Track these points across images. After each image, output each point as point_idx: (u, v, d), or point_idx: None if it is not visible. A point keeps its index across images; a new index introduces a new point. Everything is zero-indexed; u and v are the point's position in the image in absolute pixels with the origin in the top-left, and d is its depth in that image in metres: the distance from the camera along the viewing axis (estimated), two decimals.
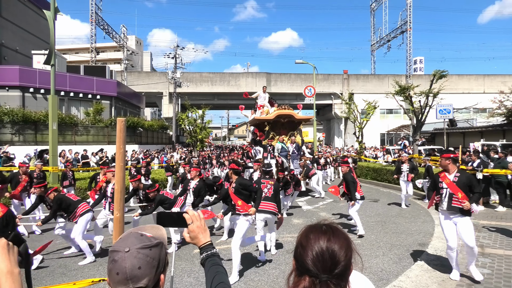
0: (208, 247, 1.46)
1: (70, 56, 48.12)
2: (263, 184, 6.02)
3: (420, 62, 49.20)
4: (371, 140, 32.67)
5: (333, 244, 1.11)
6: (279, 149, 13.00)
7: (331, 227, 1.18)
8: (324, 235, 1.14)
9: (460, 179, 4.85)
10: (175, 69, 35.44)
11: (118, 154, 2.11)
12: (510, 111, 21.01)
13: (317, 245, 1.11)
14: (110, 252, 1.11)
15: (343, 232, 1.18)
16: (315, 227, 1.19)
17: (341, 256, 1.10)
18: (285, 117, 13.92)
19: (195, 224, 1.45)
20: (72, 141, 22.34)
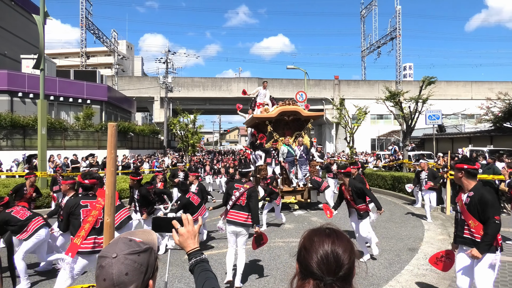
0: (197, 253, 1.46)
1: (59, 60, 47.65)
2: (236, 189, 5.11)
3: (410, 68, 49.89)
4: (362, 145, 32.91)
5: (337, 247, 1.12)
6: (284, 153, 11.22)
7: (334, 231, 1.19)
8: (328, 238, 1.14)
9: (472, 199, 3.51)
10: (167, 74, 35.36)
11: (109, 159, 2.10)
12: (497, 117, 21.43)
13: (322, 248, 1.12)
14: (98, 257, 1.10)
15: (346, 235, 1.19)
16: (318, 230, 1.20)
17: (345, 259, 1.11)
18: (289, 115, 11.81)
19: (186, 228, 1.45)
20: (61, 146, 22.08)
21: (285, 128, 12.12)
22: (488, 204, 3.43)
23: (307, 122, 12.23)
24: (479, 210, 3.46)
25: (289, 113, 11.78)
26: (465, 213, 3.61)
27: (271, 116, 11.69)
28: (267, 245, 7.25)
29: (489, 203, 3.42)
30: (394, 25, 39.02)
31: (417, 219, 9.59)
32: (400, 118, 18.76)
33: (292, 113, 11.81)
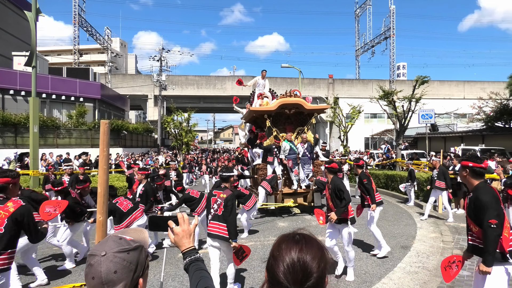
0: (192, 252, 1.46)
1: (52, 58, 47.16)
2: (214, 197, 4.48)
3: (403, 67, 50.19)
4: (356, 144, 33.07)
5: (305, 255, 1.05)
6: (286, 150, 10.07)
7: (304, 236, 1.12)
8: (296, 245, 1.08)
9: (470, 200, 3.21)
10: (161, 71, 35.20)
11: (101, 157, 2.09)
12: (489, 117, 21.68)
13: (288, 256, 1.05)
14: (88, 255, 1.10)
15: (317, 241, 1.12)
16: (288, 236, 1.13)
17: (313, 267, 1.04)
18: (291, 108, 10.51)
19: (182, 227, 1.45)
20: (54, 144, 21.89)
21: (286, 123, 10.87)
22: (482, 205, 3.02)
23: (311, 116, 10.92)
24: (475, 213, 3.11)
25: (290, 106, 10.49)
26: (467, 217, 3.30)
27: (270, 109, 10.43)
28: (260, 243, 7.27)
29: (482, 205, 3.02)
30: (388, 25, 39.24)
31: (410, 217, 9.66)
32: (393, 117, 18.89)
33: (294, 106, 10.51)
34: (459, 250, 6.53)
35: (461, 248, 6.65)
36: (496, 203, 3.02)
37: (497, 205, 3.01)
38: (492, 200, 3.03)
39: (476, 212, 3.10)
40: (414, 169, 12.15)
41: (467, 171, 3.24)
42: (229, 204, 4.35)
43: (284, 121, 10.85)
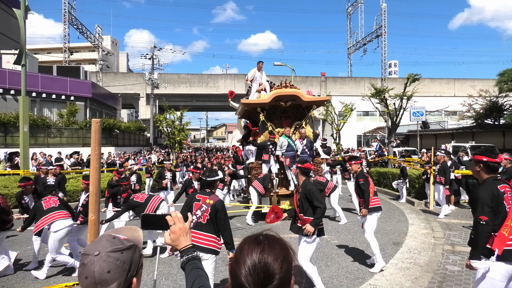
0: (189, 250, 1.45)
1: (42, 56, 46.56)
2: (197, 202, 3.88)
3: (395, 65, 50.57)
4: (348, 141, 33.27)
5: (266, 256, 1.01)
6: (283, 146, 9.13)
7: (267, 237, 1.08)
8: (258, 247, 1.04)
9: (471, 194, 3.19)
10: (152, 70, 34.98)
11: (93, 156, 2.08)
12: (479, 114, 21.96)
13: (250, 257, 1.02)
14: (81, 255, 1.10)
15: (281, 241, 1.09)
16: (251, 237, 1.10)
17: (275, 269, 1.00)
18: (287, 100, 9.56)
19: (177, 225, 1.43)
20: (44, 143, 21.65)
21: (282, 117, 10.00)
22: (473, 201, 3.05)
23: (309, 110, 9.84)
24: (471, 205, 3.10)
25: (286, 98, 9.54)
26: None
27: (264, 102, 9.51)
28: None
29: (477, 199, 2.99)
30: (380, 23, 39.44)
31: (402, 214, 9.76)
32: (385, 114, 19.05)
33: (290, 98, 9.53)
34: (450, 245, 6.63)
35: (452, 243, 6.75)
36: (492, 201, 2.93)
37: (493, 203, 2.92)
38: (488, 197, 2.94)
39: (471, 205, 3.13)
40: (406, 166, 12.27)
41: (480, 165, 3.13)
42: (220, 213, 3.80)
43: (280, 115, 9.99)
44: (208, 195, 3.90)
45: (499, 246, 2.83)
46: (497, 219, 2.92)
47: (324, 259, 6.01)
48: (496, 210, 2.92)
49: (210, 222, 3.77)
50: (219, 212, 3.78)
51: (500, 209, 2.92)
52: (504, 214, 2.91)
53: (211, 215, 3.76)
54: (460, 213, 9.68)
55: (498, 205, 2.93)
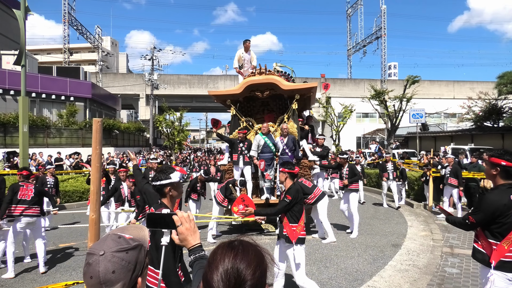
0: (197, 249, 1.45)
1: (42, 56, 46.58)
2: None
3: (394, 67, 50.68)
4: (348, 143, 33.30)
5: (239, 262, 0.99)
6: (259, 146, 7.57)
7: (242, 243, 1.06)
8: (231, 252, 1.02)
9: None
10: (152, 70, 34.99)
11: (94, 155, 2.08)
12: (478, 116, 22.00)
13: (222, 263, 1.00)
14: (87, 254, 1.09)
15: (255, 247, 1.06)
16: (225, 243, 1.08)
17: (247, 275, 0.98)
18: (263, 89, 7.87)
19: (184, 226, 1.43)
20: (44, 143, 21.65)
21: (265, 111, 8.53)
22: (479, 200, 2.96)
23: (292, 100, 7.97)
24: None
25: (262, 87, 7.84)
26: None
27: (235, 93, 7.98)
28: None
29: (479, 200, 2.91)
30: (380, 25, 39.51)
31: (401, 215, 9.77)
32: (385, 116, 19.08)
33: (267, 87, 7.83)
34: (449, 248, 6.63)
35: (451, 246, 6.76)
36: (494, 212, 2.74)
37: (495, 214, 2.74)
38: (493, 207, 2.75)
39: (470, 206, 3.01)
40: (405, 168, 12.28)
41: (497, 169, 2.85)
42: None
43: (261, 108, 8.57)
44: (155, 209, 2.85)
45: (496, 258, 2.75)
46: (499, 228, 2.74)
47: (323, 261, 6.01)
48: (501, 221, 2.73)
49: None
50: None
51: (507, 221, 2.71)
52: (508, 226, 2.72)
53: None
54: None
55: (504, 216, 2.72)
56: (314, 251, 6.59)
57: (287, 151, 7.49)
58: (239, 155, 7.72)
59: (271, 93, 7.93)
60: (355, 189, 7.85)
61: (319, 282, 5.01)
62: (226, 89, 9.69)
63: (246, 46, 9.12)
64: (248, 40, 9.20)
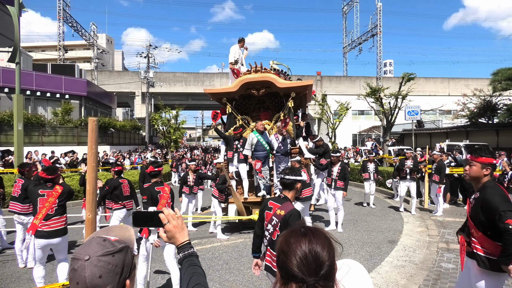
0: (186, 246, 1.42)
1: (36, 54, 46.22)
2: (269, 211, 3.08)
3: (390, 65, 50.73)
4: (344, 140, 33.38)
5: (315, 246, 1.08)
6: (253, 144, 7.54)
7: (310, 229, 1.15)
8: (305, 238, 1.11)
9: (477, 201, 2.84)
10: (148, 68, 34.84)
11: (90, 155, 2.07)
12: (473, 113, 22.13)
13: (299, 249, 1.08)
14: (71, 259, 1.06)
15: (323, 232, 1.16)
16: (294, 231, 1.16)
17: (324, 256, 1.08)
18: (259, 87, 7.88)
19: (172, 223, 1.40)
20: (39, 142, 21.51)
21: (261, 109, 8.55)
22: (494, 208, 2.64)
23: (288, 98, 7.95)
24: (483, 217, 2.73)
25: (258, 85, 7.84)
26: (468, 219, 2.93)
27: (230, 91, 7.95)
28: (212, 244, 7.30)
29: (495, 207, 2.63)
30: (375, 22, 39.57)
31: (397, 212, 9.82)
32: (380, 113, 19.13)
33: (263, 85, 7.83)
34: (445, 243, 6.68)
35: (447, 241, 6.81)
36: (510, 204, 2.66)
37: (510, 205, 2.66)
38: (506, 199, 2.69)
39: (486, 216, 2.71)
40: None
41: (489, 169, 2.82)
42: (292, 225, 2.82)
43: (257, 106, 8.55)
44: (281, 203, 3.03)
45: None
46: None
47: None
48: None
49: None
50: (290, 225, 2.75)
51: None
52: None
53: (282, 229, 2.87)
54: (455, 211, 9.76)
55: None
56: None
57: (282, 147, 7.53)
58: (234, 152, 7.76)
59: (267, 91, 7.95)
60: (342, 187, 7.89)
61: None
62: (222, 87, 9.61)
63: (241, 43, 9.33)
64: (242, 38, 9.47)
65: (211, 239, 7.38)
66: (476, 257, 2.79)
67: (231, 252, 6.43)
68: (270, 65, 8.84)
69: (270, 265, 2.91)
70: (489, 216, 2.68)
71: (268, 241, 2.99)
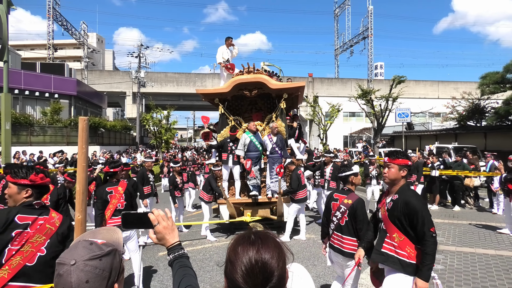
0: (176, 247, 1.40)
1: (25, 52, 45.56)
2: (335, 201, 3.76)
3: (381, 67, 51.25)
4: (335, 142, 33.56)
5: (263, 255, 1.01)
6: (245, 145, 7.53)
7: (259, 236, 1.07)
8: (253, 246, 1.02)
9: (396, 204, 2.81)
10: (139, 68, 34.57)
11: (80, 154, 2.04)
12: (461, 116, 22.45)
13: (246, 258, 1.00)
14: (56, 264, 1.01)
15: (273, 238, 1.08)
16: (243, 238, 1.08)
17: (273, 266, 1.00)
18: (251, 88, 7.84)
19: (162, 224, 1.39)
20: (27, 142, 21.18)
21: (253, 110, 8.53)
22: (418, 212, 2.68)
23: (280, 100, 7.93)
24: (405, 221, 2.71)
25: (251, 86, 7.81)
26: (387, 223, 2.86)
27: (223, 91, 7.90)
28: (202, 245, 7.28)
29: (418, 212, 2.67)
30: (366, 25, 39.89)
31: None
32: (371, 115, 19.29)
33: (255, 86, 7.81)
34: None
35: None
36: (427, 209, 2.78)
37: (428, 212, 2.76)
38: (424, 205, 2.79)
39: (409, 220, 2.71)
40: None
41: (405, 170, 2.88)
42: (359, 213, 3.54)
43: (250, 107, 8.53)
44: (346, 194, 3.70)
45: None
46: None
47: (311, 259, 6.05)
48: None
49: (348, 224, 3.57)
50: (358, 212, 3.54)
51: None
52: None
53: (350, 216, 3.56)
54: (444, 213, 9.88)
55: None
56: (302, 249, 6.63)
57: (276, 149, 7.49)
58: (228, 154, 7.68)
59: (259, 92, 7.93)
60: (335, 188, 7.89)
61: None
62: (214, 87, 9.65)
63: (227, 43, 9.11)
64: (229, 37, 9.24)
65: (202, 241, 7.35)
66: (401, 263, 2.74)
67: (222, 253, 6.40)
68: (261, 66, 8.84)
69: (339, 246, 3.60)
70: (410, 218, 2.70)
71: (336, 225, 3.63)
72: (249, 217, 7.32)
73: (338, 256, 3.62)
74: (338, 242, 3.60)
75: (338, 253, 3.61)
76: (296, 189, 7.12)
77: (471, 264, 5.65)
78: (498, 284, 4.86)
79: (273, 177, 7.45)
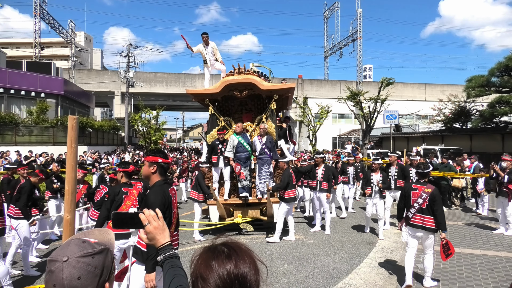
0: (167, 248, 1.40)
1: (10, 50, 44.65)
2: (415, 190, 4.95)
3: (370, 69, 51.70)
4: (324, 143, 33.75)
5: (242, 269, 0.96)
6: (234, 146, 7.57)
7: (233, 248, 1.02)
8: (230, 260, 0.97)
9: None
10: (128, 68, 34.22)
11: (69, 154, 2.02)
12: (448, 118, 22.82)
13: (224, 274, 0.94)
14: (48, 261, 1.01)
15: (246, 250, 1.03)
16: (215, 251, 1.01)
17: (252, 279, 0.96)
18: (241, 89, 7.86)
19: (152, 224, 1.39)
20: (12, 141, 20.76)
21: (243, 111, 8.57)
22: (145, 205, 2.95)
23: (271, 101, 7.95)
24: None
25: (241, 87, 7.83)
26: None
27: (213, 92, 7.88)
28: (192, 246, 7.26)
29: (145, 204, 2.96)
30: (356, 28, 40.27)
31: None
32: (360, 117, 19.47)
33: (245, 86, 7.83)
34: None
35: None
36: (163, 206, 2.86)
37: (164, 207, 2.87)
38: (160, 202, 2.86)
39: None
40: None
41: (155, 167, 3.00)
42: (437, 198, 4.73)
43: (239, 108, 8.57)
44: (425, 185, 4.85)
45: None
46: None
47: (301, 259, 6.07)
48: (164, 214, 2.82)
49: (428, 207, 4.72)
50: (436, 197, 4.74)
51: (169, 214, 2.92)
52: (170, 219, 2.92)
53: (430, 201, 4.72)
54: None
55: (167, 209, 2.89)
56: (292, 250, 6.65)
57: (266, 150, 7.54)
58: (218, 156, 7.72)
59: (249, 93, 7.95)
60: (326, 189, 7.99)
61: (296, 281, 5.07)
62: (203, 87, 9.55)
63: (204, 41, 8.94)
64: (205, 33, 8.95)
65: (192, 241, 7.31)
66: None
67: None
68: (250, 67, 8.83)
69: (421, 224, 4.79)
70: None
71: (417, 209, 4.79)
72: (240, 218, 7.37)
73: (420, 231, 4.82)
74: (420, 221, 4.76)
75: (421, 229, 4.79)
76: (286, 187, 7.11)
77: (457, 263, 5.75)
78: (483, 283, 4.96)
79: (262, 178, 7.54)
